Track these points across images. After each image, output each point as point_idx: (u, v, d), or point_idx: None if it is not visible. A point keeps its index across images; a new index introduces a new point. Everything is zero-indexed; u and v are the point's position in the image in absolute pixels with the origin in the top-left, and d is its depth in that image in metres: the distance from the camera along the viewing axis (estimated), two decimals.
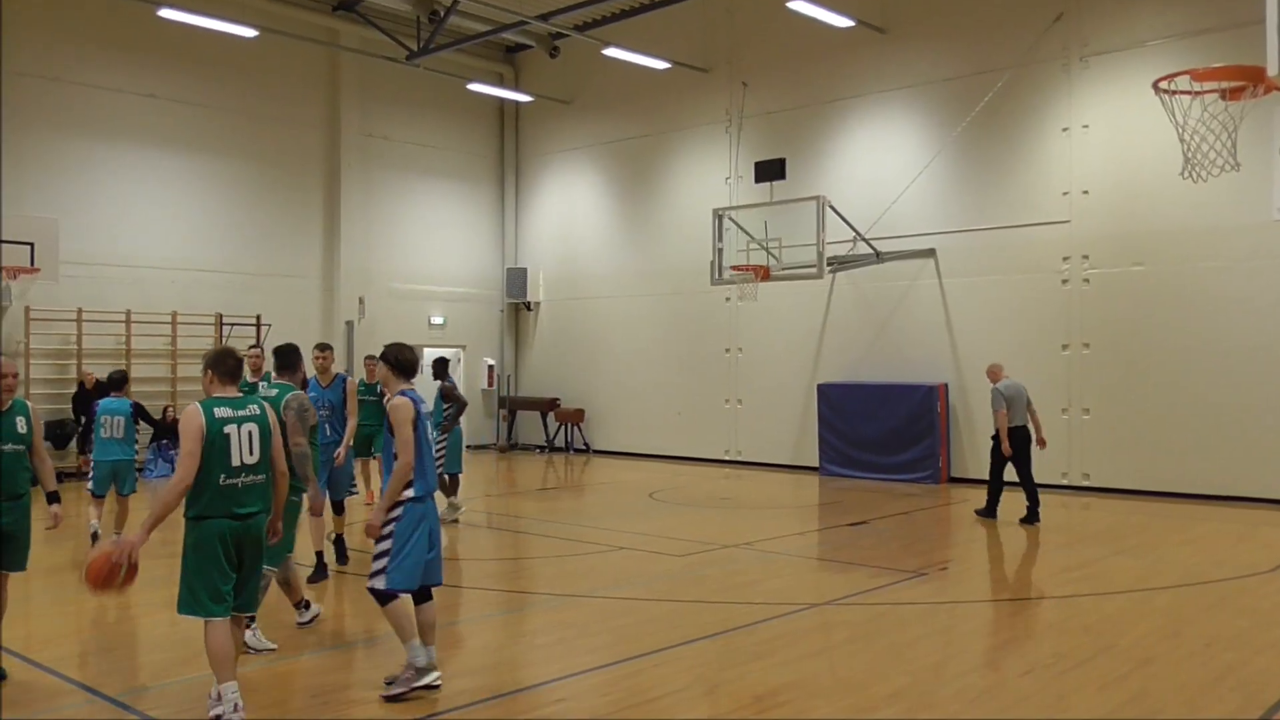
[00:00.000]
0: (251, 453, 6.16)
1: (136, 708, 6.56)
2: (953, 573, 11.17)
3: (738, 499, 16.89)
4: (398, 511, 6.71)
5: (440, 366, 14.24)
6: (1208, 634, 8.32)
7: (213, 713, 6.03)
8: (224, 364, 6.34)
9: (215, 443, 6.03)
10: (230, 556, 6.08)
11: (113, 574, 5.91)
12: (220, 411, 6.12)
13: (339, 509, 11.55)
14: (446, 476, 14.24)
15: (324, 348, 11.52)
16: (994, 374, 14.52)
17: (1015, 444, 14.05)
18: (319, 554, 10.46)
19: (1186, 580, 10.51)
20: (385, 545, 6.69)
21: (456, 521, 14.11)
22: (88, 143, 19.87)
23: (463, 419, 14.61)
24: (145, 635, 8.54)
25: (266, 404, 6.49)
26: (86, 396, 18.48)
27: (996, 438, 14.22)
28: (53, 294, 18.88)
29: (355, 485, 12.25)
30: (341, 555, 11.30)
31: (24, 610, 8.82)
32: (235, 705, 5.96)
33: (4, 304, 18.73)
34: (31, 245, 18.06)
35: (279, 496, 6.48)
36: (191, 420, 6.01)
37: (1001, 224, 18.48)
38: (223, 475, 6.04)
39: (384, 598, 6.70)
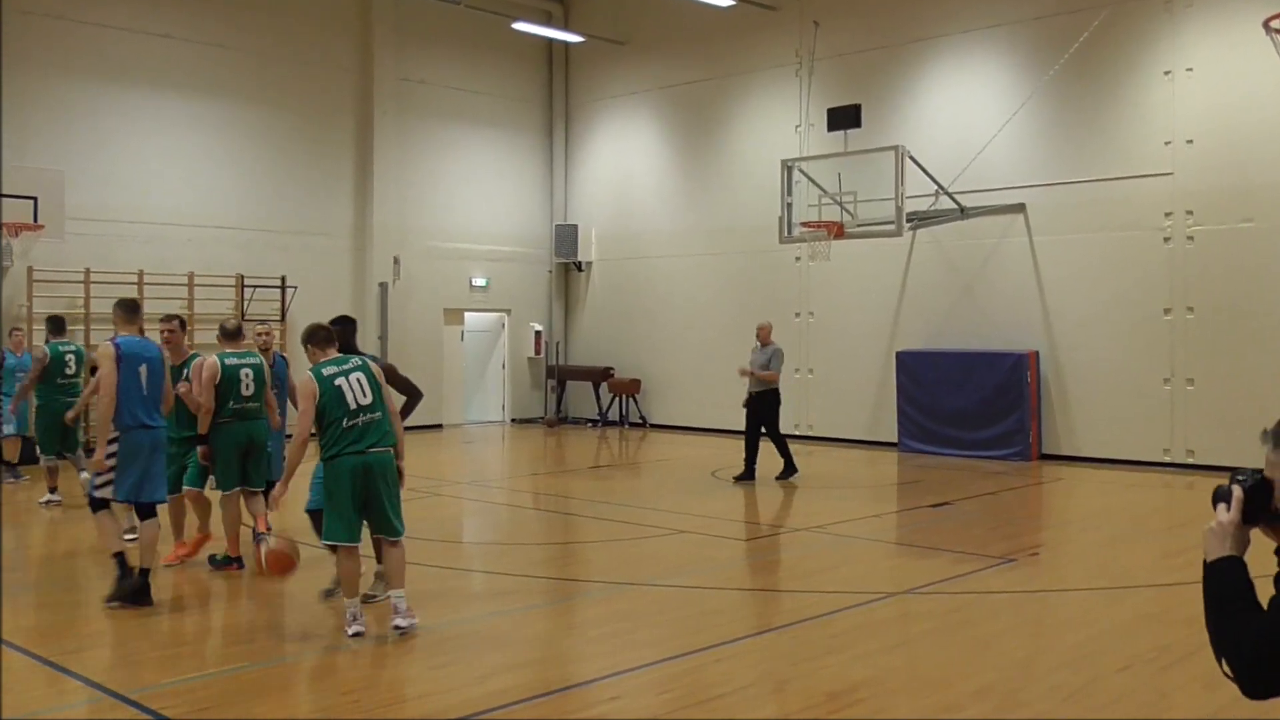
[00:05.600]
0: (364, 395, 7.86)
1: (149, 706, 6.56)
2: (1044, 559, 11.19)
3: (808, 478, 16.92)
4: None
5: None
6: None
7: (350, 630, 7.74)
8: (316, 335, 8.15)
9: (329, 394, 7.79)
10: (357, 490, 7.74)
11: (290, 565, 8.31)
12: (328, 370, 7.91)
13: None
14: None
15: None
16: (766, 334, 16.54)
17: (776, 405, 16.32)
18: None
19: None
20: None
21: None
22: (97, 87, 19.93)
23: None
24: (152, 630, 8.51)
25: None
26: None
27: (774, 396, 16.29)
28: (58, 253, 18.75)
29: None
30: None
31: (27, 602, 8.99)
32: (354, 616, 7.82)
33: (5, 264, 18.64)
34: (35, 199, 17.73)
35: None
36: (306, 384, 7.82)
37: (1097, 176, 18.27)
38: (345, 419, 7.74)
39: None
